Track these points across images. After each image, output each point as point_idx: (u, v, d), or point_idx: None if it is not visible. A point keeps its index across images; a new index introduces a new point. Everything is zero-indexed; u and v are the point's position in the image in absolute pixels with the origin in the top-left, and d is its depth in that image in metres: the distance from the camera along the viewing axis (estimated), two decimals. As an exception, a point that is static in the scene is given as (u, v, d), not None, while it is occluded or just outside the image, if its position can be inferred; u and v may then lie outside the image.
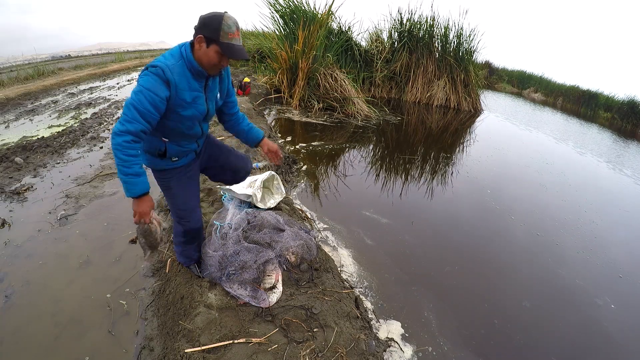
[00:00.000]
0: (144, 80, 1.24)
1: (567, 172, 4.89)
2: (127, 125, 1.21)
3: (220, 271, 1.75)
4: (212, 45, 1.28)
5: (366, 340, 1.62)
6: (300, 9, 7.00)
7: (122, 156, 1.21)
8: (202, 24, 1.27)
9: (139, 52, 21.87)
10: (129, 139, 1.21)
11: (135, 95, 1.22)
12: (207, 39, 1.27)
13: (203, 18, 1.28)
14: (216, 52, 1.28)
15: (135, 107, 1.21)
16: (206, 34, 1.27)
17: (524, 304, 2.16)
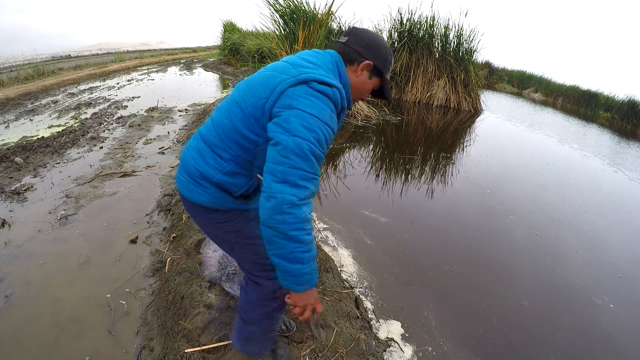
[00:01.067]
0: (318, 108, 0.85)
1: (567, 173, 4.89)
2: (309, 187, 0.82)
3: (220, 271, 1.75)
4: (375, 78, 1.04)
5: (366, 340, 1.62)
6: (300, 9, 7.00)
7: (306, 237, 0.83)
8: (371, 48, 1.01)
9: (139, 52, 21.88)
10: (311, 207, 0.85)
11: (308, 132, 0.82)
12: (375, 70, 1.03)
13: (370, 41, 1.01)
14: (374, 86, 1.06)
15: (314, 154, 0.83)
16: (376, 62, 1.01)
17: (522, 303, 2.16)
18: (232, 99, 1.00)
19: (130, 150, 3.99)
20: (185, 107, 6.41)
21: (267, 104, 0.88)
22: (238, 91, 1.00)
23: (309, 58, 0.98)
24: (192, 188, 1.00)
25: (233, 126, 0.94)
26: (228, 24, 15.67)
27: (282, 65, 0.97)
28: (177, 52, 24.17)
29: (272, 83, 0.90)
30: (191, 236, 2.14)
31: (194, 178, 0.99)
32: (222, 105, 1.03)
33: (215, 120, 1.01)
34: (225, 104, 1.02)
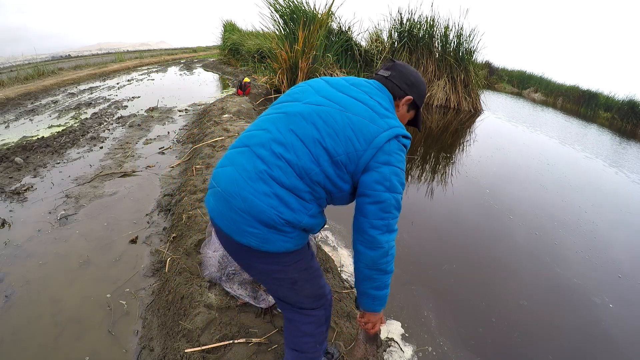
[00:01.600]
0: (404, 161, 0.96)
1: (568, 173, 4.89)
2: (396, 227, 0.96)
3: (220, 271, 1.75)
4: (412, 111, 1.12)
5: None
6: (300, 9, 7.00)
7: (393, 267, 0.98)
8: (413, 85, 1.07)
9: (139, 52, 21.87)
10: None
11: (402, 187, 0.94)
12: (413, 104, 1.10)
13: (412, 78, 1.07)
14: (410, 118, 1.14)
15: (399, 201, 0.95)
16: (416, 98, 1.08)
17: (521, 303, 2.17)
18: (310, 138, 0.90)
19: (130, 150, 3.99)
20: (185, 107, 6.41)
21: (363, 157, 0.91)
22: (317, 131, 0.90)
23: (381, 102, 0.99)
24: (274, 237, 0.90)
25: (322, 171, 0.90)
26: (228, 24, 15.68)
27: (362, 108, 0.94)
28: (177, 52, 24.17)
29: (368, 135, 0.91)
30: (191, 236, 2.14)
31: (277, 227, 0.89)
32: (293, 141, 0.90)
33: (291, 161, 0.89)
34: (302, 144, 0.90)
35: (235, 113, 5.18)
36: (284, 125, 0.93)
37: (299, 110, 0.94)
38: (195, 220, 2.29)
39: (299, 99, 0.99)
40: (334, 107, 0.93)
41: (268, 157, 0.90)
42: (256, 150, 0.92)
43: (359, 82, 1.03)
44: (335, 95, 0.97)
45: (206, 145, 3.75)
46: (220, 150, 3.59)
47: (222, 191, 0.92)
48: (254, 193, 0.88)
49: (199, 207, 2.45)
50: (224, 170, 0.95)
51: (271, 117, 0.98)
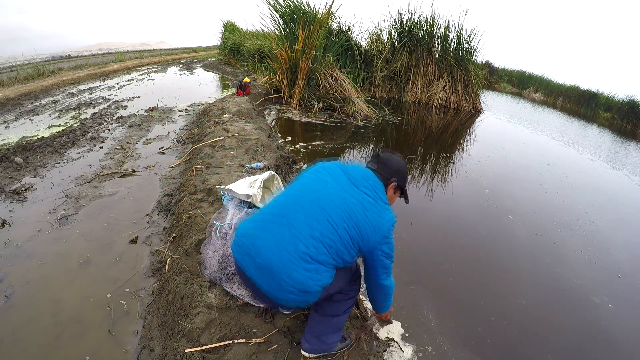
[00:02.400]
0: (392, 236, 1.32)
1: (568, 173, 4.89)
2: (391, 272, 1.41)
3: (220, 271, 1.75)
4: (398, 191, 1.45)
5: (367, 340, 1.62)
6: (300, 9, 7.00)
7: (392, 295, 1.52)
8: (397, 170, 1.39)
9: (139, 52, 21.87)
10: None
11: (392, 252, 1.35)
12: (399, 188, 1.44)
13: (395, 163, 1.39)
14: (397, 196, 1.47)
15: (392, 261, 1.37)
16: (400, 182, 1.41)
17: (520, 302, 2.17)
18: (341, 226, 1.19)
19: (130, 150, 3.99)
20: (185, 107, 6.41)
21: (372, 241, 1.25)
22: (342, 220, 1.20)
23: (380, 194, 1.31)
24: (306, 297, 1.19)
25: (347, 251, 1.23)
26: (228, 24, 15.68)
27: (373, 205, 1.26)
28: (177, 52, 24.15)
29: (377, 227, 1.25)
30: (191, 236, 2.14)
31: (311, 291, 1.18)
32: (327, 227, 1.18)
33: (327, 244, 1.18)
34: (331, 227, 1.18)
35: (235, 113, 5.18)
36: (319, 210, 1.20)
37: (330, 200, 1.22)
38: (195, 220, 2.29)
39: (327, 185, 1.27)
40: (356, 203, 1.23)
41: (307, 239, 1.16)
42: (296, 231, 1.17)
43: (367, 176, 1.33)
44: (355, 191, 1.27)
45: (206, 145, 3.75)
46: (220, 150, 3.59)
47: (266, 264, 1.15)
48: (298, 270, 1.14)
49: (198, 207, 2.45)
50: (263, 241, 1.18)
51: (305, 199, 1.24)
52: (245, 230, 1.25)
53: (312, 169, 1.38)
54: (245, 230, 1.25)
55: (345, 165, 1.37)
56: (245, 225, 1.28)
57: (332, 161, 1.41)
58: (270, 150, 3.81)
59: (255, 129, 4.44)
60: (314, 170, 1.36)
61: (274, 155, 3.67)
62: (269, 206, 1.29)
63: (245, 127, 4.45)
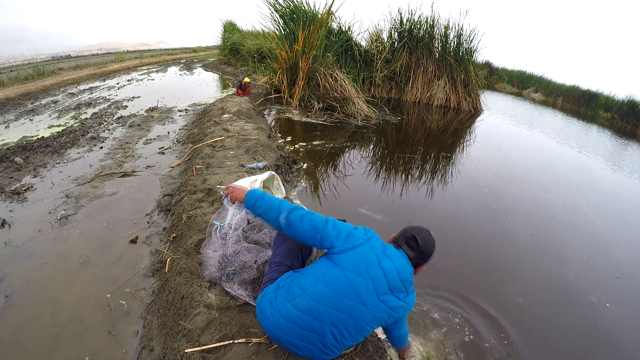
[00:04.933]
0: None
1: (569, 174, 4.89)
2: None
3: (220, 271, 1.75)
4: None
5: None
6: (300, 9, 7.00)
7: None
8: (430, 255, 1.41)
9: (139, 52, 21.85)
10: None
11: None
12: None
13: (431, 250, 1.41)
14: None
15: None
16: (426, 264, 1.43)
17: (517, 300, 2.17)
18: (370, 317, 1.27)
19: (130, 150, 3.99)
20: (185, 107, 6.41)
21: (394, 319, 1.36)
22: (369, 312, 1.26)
23: (409, 288, 1.34)
24: None
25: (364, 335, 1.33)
26: (228, 24, 15.67)
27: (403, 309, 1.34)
28: (177, 52, 24.13)
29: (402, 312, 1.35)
30: (191, 236, 2.14)
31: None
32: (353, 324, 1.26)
33: (354, 337, 1.29)
34: (364, 323, 1.27)
35: (235, 113, 5.18)
36: (348, 319, 1.25)
37: (361, 313, 1.26)
38: (195, 220, 2.29)
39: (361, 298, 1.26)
40: (387, 310, 1.29)
41: (336, 339, 1.26)
42: (327, 342, 1.26)
43: (403, 272, 1.32)
44: (387, 297, 1.29)
45: (206, 145, 3.75)
46: (220, 150, 3.59)
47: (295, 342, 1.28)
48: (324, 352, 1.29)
49: (198, 207, 2.45)
50: (299, 343, 1.28)
51: (337, 309, 1.25)
52: (277, 324, 1.29)
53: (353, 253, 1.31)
54: (276, 324, 1.29)
55: (384, 257, 1.31)
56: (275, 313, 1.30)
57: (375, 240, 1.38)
58: (270, 150, 3.81)
59: (255, 129, 4.44)
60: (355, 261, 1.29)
61: (274, 155, 3.67)
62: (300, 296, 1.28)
63: (245, 127, 4.45)
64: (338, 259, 1.29)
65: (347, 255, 1.29)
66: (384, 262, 1.29)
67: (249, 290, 1.68)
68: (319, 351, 1.29)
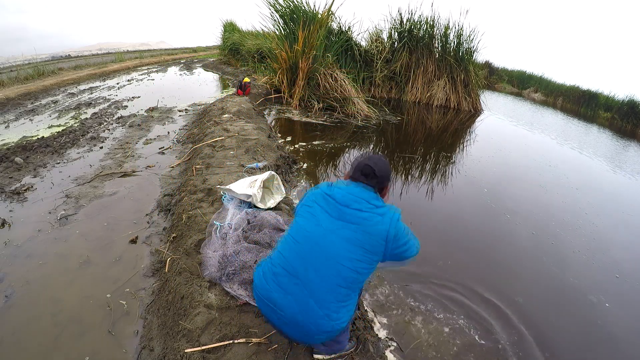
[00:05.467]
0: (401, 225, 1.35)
1: (569, 174, 4.89)
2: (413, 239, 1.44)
3: (220, 271, 1.75)
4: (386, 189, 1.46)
5: (373, 341, 1.62)
6: (300, 9, 7.00)
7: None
8: (388, 176, 1.42)
9: (139, 52, 21.84)
10: None
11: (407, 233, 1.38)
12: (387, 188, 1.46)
13: (387, 170, 1.41)
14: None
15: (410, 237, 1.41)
16: (388, 184, 1.44)
17: (516, 299, 2.17)
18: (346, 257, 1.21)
19: (130, 150, 3.99)
20: (185, 107, 6.41)
21: (385, 248, 1.27)
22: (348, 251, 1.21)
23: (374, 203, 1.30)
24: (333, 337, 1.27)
25: (359, 274, 1.23)
26: (228, 24, 15.67)
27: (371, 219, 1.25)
28: (177, 52, 24.13)
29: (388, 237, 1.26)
30: (191, 236, 2.14)
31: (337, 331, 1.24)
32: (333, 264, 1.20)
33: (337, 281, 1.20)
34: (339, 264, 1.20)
35: (235, 113, 5.18)
36: (326, 261, 1.21)
37: (331, 244, 1.22)
38: (195, 220, 2.29)
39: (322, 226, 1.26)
40: (356, 230, 1.23)
41: (318, 281, 1.19)
42: (312, 290, 1.19)
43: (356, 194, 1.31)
44: (349, 214, 1.26)
45: (206, 145, 3.75)
46: (220, 150, 3.59)
47: (291, 319, 1.21)
48: (322, 318, 1.19)
49: (198, 207, 2.45)
50: (284, 300, 1.21)
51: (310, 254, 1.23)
52: (262, 285, 1.27)
53: (303, 204, 1.37)
54: (262, 285, 1.27)
55: (332, 189, 1.34)
56: (261, 276, 1.29)
57: (319, 188, 1.39)
58: (270, 150, 3.81)
59: (255, 129, 4.44)
60: (306, 207, 1.35)
61: (274, 155, 3.67)
62: (280, 257, 1.28)
63: (245, 127, 4.45)
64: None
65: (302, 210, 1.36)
66: (330, 190, 1.34)
67: (249, 290, 1.68)
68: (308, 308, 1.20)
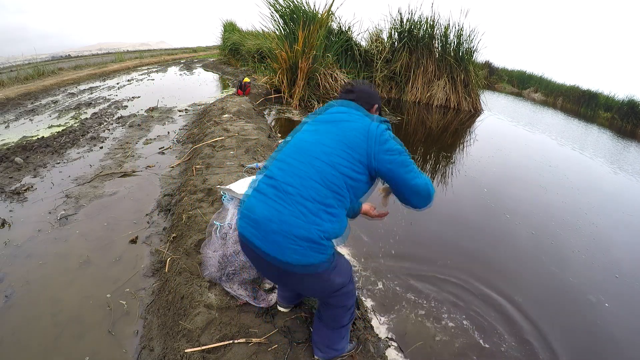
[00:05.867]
0: (391, 135, 1.23)
1: (569, 174, 4.89)
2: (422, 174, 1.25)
3: (220, 271, 1.75)
4: (377, 109, 1.41)
5: (374, 342, 1.62)
6: (300, 9, 7.00)
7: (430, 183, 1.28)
8: (374, 96, 1.38)
9: (139, 52, 21.86)
10: None
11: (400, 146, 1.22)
12: (378, 107, 1.39)
13: (370, 90, 1.37)
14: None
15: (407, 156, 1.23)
16: (379, 103, 1.39)
17: (516, 299, 2.17)
18: (321, 151, 1.14)
19: (130, 150, 3.99)
20: (185, 107, 6.41)
21: (367, 146, 1.16)
22: (326, 146, 1.16)
23: (361, 112, 1.27)
24: (313, 253, 1.08)
25: (341, 174, 1.13)
26: (228, 24, 15.68)
27: (349, 116, 1.22)
28: (177, 52, 24.14)
29: (362, 130, 1.18)
30: (191, 236, 2.14)
31: (316, 241, 1.07)
32: (310, 161, 1.13)
33: (314, 177, 1.11)
34: (316, 159, 1.13)
35: (235, 113, 5.18)
36: (299, 154, 1.16)
37: (310, 143, 1.18)
38: (195, 220, 2.29)
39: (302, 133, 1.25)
40: (331, 125, 1.21)
41: (296, 182, 1.10)
42: (284, 180, 1.12)
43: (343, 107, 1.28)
44: (328, 117, 1.25)
45: (206, 145, 3.75)
46: (220, 150, 3.59)
47: (262, 218, 1.09)
48: (293, 214, 1.07)
49: (198, 207, 2.45)
50: (258, 202, 1.13)
51: (289, 156, 1.18)
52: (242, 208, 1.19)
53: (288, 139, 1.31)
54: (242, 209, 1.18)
55: (315, 112, 1.32)
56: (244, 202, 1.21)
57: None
58: (270, 150, 3.81)
59: (255, 129, 4.44)
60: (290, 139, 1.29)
61: (274, 155, 3.67)
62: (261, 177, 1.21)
63: (245, 127, 4.45)
64: None
65: None
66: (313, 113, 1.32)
67: (249, 290, 1.68)
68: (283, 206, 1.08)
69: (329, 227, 1.10)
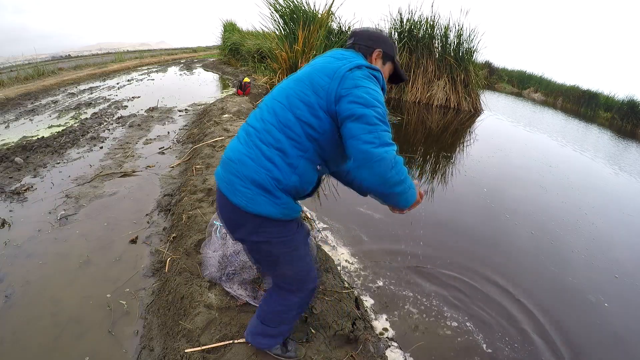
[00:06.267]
0: (376, 87, 0.99)
1: (569, 174, 4.89)
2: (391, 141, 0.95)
3: (220, 271, 1.75)
4: (388, 63, 1.18)
5: (374, 342, 1.62)
6: (300, 9, 7.00)
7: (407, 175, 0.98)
8: (377, 39, 1.14)
9: (139, 52, 21.87)
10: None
11: (380, 104, 0.94)
12: (386, 55, 1.15)
13: (373, 34, 1.15)
14: (390, 72, 1.19)
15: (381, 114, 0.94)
16: (385, 48, 1.14)
17: (515, 299, 2.17)
18: (284, 95, 1.05)
19: (130, 150, 3.99)
20: (185, 107, 6.41)
21: (330, 88, 0.97)
22: (290, 88, 1.05)
23: (345, 54, 1.08)
24: (262, 199, 1.00)
25: (297, 119, 1.00)
26: (228, 24, 15.68)
27: (326, 59, 1.07)
28: (177, 52, 24.15)
29: (329, 72, 0.99)
30: (191, 236, 2.14)
31: (268, 188, 0.99)
32: (272, 105, 1.06)
33: (272, 121, 1.03)
34: (277, 102, 1.05)
35: (235, 113, 5.18)
36: (268, 100, 1.10)
37: (278, 87, 1.11)
38: (195, 220, 2.29)
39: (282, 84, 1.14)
40: (310, 67, 1.08)
41: (258, 126, 1.05)
42: (252, 124, 1.08)
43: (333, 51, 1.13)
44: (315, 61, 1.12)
45: (206, 145, 3.76)
46: (220, 150, 3.59)
47: (227, 159, 1.07)
48: (249, 155, 1.02)
49: (198, 207, 2.45)
50: (230, 145, 1.11)
51: (265, 99, 1.14)
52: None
53: None
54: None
55: None
56: None
57: None
58: (270, 150, 3.81)
59: (255, 129, 4.44)
60: None
61: (274, 155, 3.67)
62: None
63: (245, 127, 4.45)
64: None
65: None
66: None
67: (249, 290, 1.68)
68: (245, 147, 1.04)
69: (283, 177, 0.99)
